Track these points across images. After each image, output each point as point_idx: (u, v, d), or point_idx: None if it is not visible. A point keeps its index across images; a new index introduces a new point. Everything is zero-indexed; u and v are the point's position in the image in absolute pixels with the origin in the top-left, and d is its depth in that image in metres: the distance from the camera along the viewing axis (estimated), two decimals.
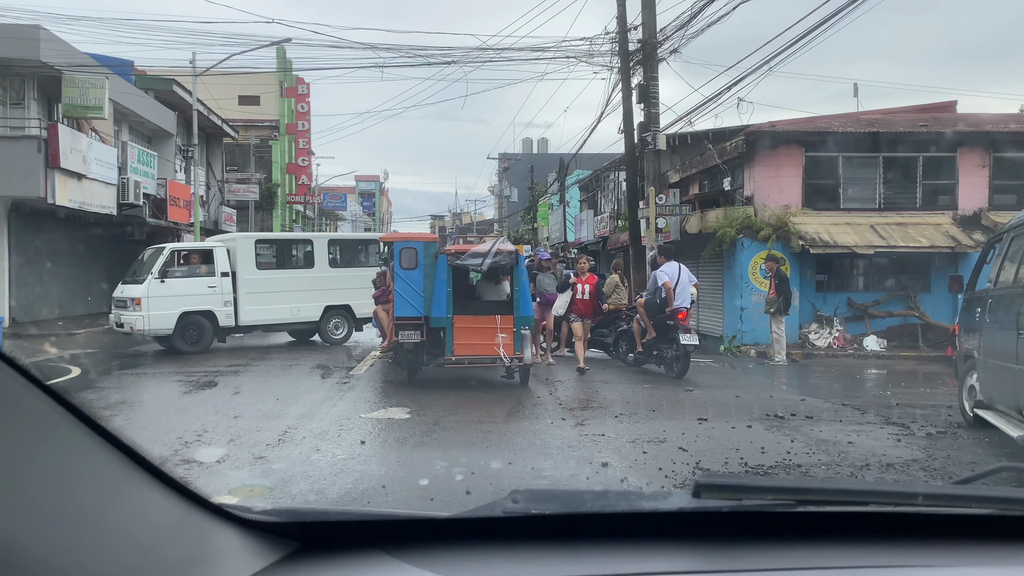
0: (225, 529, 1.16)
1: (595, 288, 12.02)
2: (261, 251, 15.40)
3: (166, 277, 13.91)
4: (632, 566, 1.20)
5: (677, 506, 1.31)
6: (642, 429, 7.30)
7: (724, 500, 1.27)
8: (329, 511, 1.47)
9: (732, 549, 1.25)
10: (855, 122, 17.31)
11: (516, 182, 53.26)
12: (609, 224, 26.73)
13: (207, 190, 29.11)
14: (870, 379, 12.37)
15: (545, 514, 1.30)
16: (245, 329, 15.02)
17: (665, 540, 1.28)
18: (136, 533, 1.00)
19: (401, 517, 1.38)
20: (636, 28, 16.48)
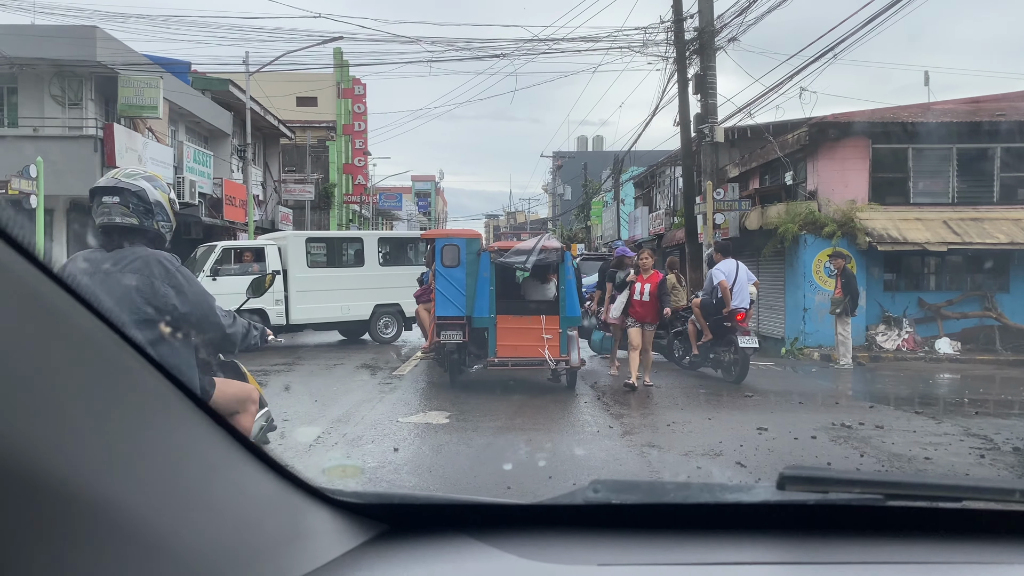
0: (318, 509, 1.20)
1: (657, 288, 9.84)
2: (312, 249, 15.32)
3: (218, 275, 13.89)
4: (715, 556, 1.20)
5: (761, 498, 1.29)
6: (696, 440, 6.80)
7: (809, 493, 1.23)
8: (416, 495, 1.46)
9: (817, 542, 1.22)
10: (926, 112, 16.39)
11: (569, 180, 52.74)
12: (664, 221, 26.04)
13: (264, 190, 29.34)
14: (944, 385, 11.58)
15: (626, 503, 1.31)
16: (296, 328, 14.93)
17: (748, 532, 1.27)
18: (236, 508, 1.03)
19: (485, 503, 1.38)
20: (692, 16, 15.87)
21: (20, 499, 0.69)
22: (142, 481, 0.85)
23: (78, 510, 0.75)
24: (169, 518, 0.87)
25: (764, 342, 14.38)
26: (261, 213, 27.79)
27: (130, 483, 0.83)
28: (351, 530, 1.22)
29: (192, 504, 0.93)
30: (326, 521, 1.20)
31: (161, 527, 0.86)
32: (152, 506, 0.85)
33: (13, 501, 0.69)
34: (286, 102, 33.26)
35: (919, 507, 1.27)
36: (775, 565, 1.20)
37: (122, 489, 0.81)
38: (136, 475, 0.84)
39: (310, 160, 36.38)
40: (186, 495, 0.93)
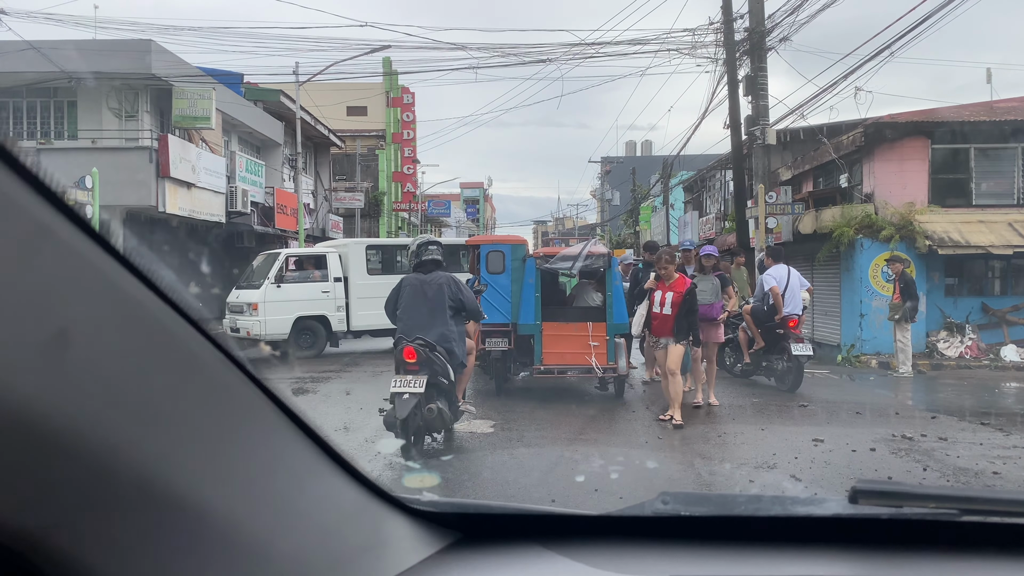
0: (397, 517, 1.23)
1: (682, 298, 7.82)
2: (371, 256, 15.44)
3: (282, 282, 14.09)
4: (786, 570, 1.19)
5: (833, 512, 1.26)
6: (748, 452, 6.58)
7: (883, 507, 1.20)
8: (491, 504, 1.48)
9: (890, 558, 1.20)
10: (988, 111, 15.79)
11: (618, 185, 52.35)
12: (715, 226, 25.62)
13: (315, 198, 29.70)
14: (1011, 394, 11.08)
15: (695, 515, 1.30)
16: (356, 334, 15.05)
17: (820, 546, 1.24)
18: (322, 516, 1.06)
19: (556, 513, 1.39)
20: (742, 16, 15.56)
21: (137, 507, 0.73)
22: (241, 490, 0.89)
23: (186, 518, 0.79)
24: (263, 526, 0.91)
25: (819, 349, 13.99)
26: (312, 221, 28.13)
27: (231, 492, 0.87)
28: (428, 538, 1.26)
29: (283, 512, 0.97)
30: (404, 529, 1.23)
31: (257, 535, 0.90)
32: (249, 514, 0.89)
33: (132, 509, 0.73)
34: (336, 111, 33.68)
35: (996, 523, 1.22)
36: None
37: (224, 498, 0.85)
38: (236, 484, 0.88)
39: (360, 168, 36.76)
40: (278, 503, 0.96)
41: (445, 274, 6.70)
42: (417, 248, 6.83)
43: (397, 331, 6.64)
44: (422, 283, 6.55)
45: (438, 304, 6.46)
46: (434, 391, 6.26)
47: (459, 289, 6.58)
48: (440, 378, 6.29)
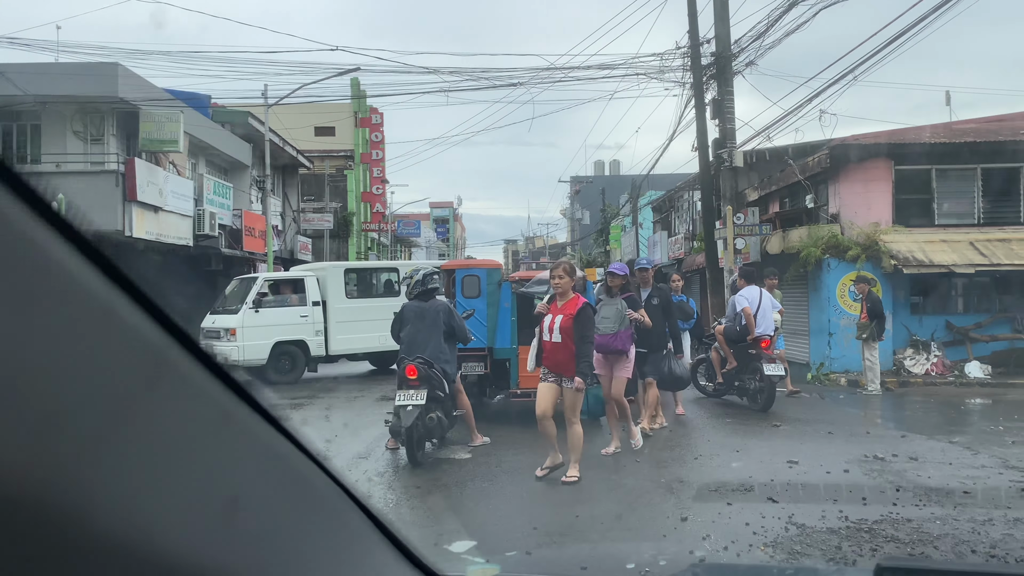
0: None
1: (571, 321, 6.27)
2: (350, 280, 15.35)
3: (260, 307, 13.96)
4: None
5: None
6: (725, 474, 6.63)
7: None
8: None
9: None
10: (949, 132, 16.21)
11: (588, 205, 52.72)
12: (684, 246, 25.89)
13: (283, 220, 29.51)
14: (976, 411, 11.29)
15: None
16: (334, 358, 14.93)
17: None
18: None
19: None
20: (709, 41, 15.83)
21: None
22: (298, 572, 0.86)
23: None
24: None
25: (789, 367, 14.15)
26: (280, 243, 27.94)
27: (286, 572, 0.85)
28: None
29: None
30: None
31: None
32: None
33: None
34: (304, 132, 33.55)
35: None
36: None
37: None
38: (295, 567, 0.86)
39: (328, 189, 36.60)
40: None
41: (441, 301, 7.87)
42: (423, 278, 7.77)
43: (400, 352, 7.60)
44: (422, 310, 7.57)
45: (434, 328, 7.49)
46: (433, 403, 7.16)
47: (451, 316, 7.67)
48: (437, 391, 7.19)
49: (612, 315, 7.36)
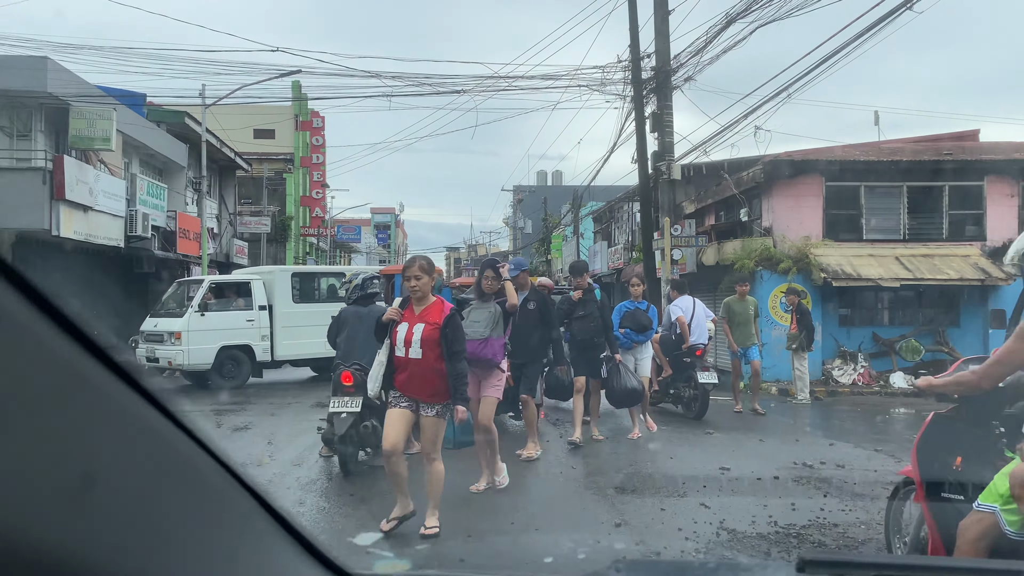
0: None
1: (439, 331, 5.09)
2: (296, 284, 15.11)
3: (206, 310, 13.65)
4: None
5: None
6: (659, 481, 6.73)
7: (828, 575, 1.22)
8: None
9: None
10: (877, 151, 16.80)
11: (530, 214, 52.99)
12: (623, 256, 26.23)
13: (219, 223, 28.90)
14: (900, 420, 11.70)
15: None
16: (280, 364, 14.67)
17: None
18: None
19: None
20: (649, 56, 16.11)
21: None
22: None
23: None
24: None
25: (723, 376, 14.43)
26: (216, 246, 27.36)
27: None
28: None
29: None
30: None
31: None
32: None
33: None
34: (243, 134, 32.97)
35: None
36: None
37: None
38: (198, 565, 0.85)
39: (267, 192, 36.02)
40: None
41: (381, 306, 7.50)
42: (362, 283, 7.65)
43: (336, 357, 7.31)
44: (360, 315, 7.34)
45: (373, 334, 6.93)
46: (368, 411, 6.82)
47: None
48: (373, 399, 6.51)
49: (483, 319, 6.36)
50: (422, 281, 5.18)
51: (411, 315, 5.21)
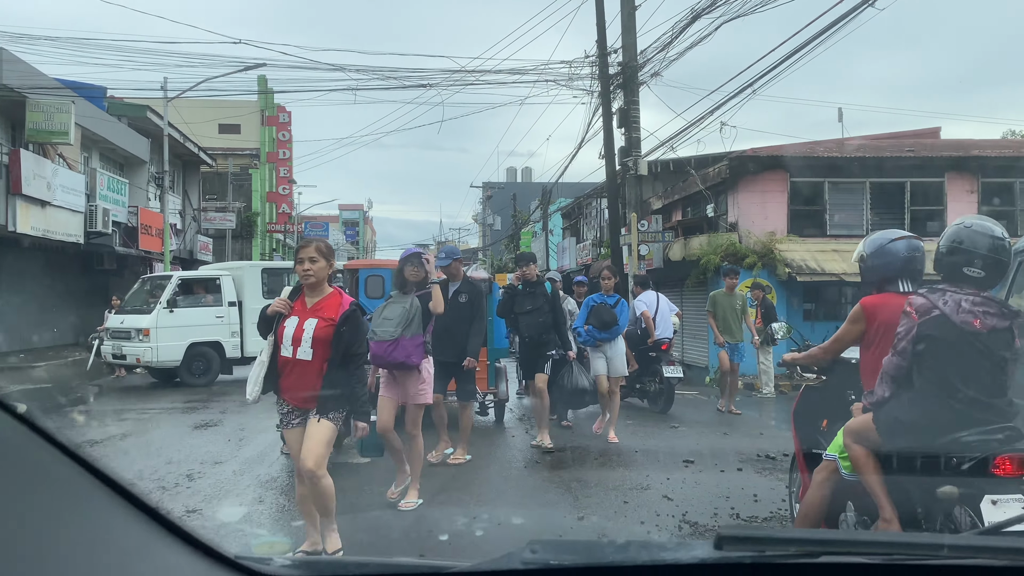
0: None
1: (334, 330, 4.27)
2: (266, 280, 14.94)
3: (175, 307, 13.45)
4: None
5: (699, 558, 1.27)
6: (623, 474, 6.72)
7: (747, 551, 1.23)
8: (347, 562, 1.44)
9: None
10: (840, 147, 16.98)
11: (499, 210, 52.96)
12: (591, 252, 26.29)
13: (182, 219, 28.46)
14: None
15: (564, 566, 1.28)
16: (249, 360, 14.48)
17: None
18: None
19: (420, 569, 1.35)
20: (616, 51, 16.12)
21: None
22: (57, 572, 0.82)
23: None
24: None
25: (689, 371, 14.52)
26: (179, 242, 26.94)
27: None
28: None
29: None
30: None
31: None
32: None
33: None
34: (207, 129, 32.51)
35: (852, 563, 1.27)
36: None
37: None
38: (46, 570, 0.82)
39: (232, 188, 35.55)
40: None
41: None
42: None
43: None
44: None
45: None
46: None
47: None
48: None
49: (396, 315, 5.56)
50: (317, 266, 4.28)
51: (302, 308, 4.34)
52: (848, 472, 3.59)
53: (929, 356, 3.37)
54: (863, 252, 4.28)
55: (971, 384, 3.32)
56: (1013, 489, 3.15)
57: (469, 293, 6.95)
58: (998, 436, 3.26)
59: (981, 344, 3.32)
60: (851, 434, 3.55)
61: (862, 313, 3.92)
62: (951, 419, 3.30)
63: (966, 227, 3.51)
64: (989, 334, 3.33)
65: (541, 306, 7.83)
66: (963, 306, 3.35)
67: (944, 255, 3.56)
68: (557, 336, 7.96)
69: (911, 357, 3.40)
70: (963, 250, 3.44)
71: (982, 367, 3.34)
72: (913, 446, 3.36)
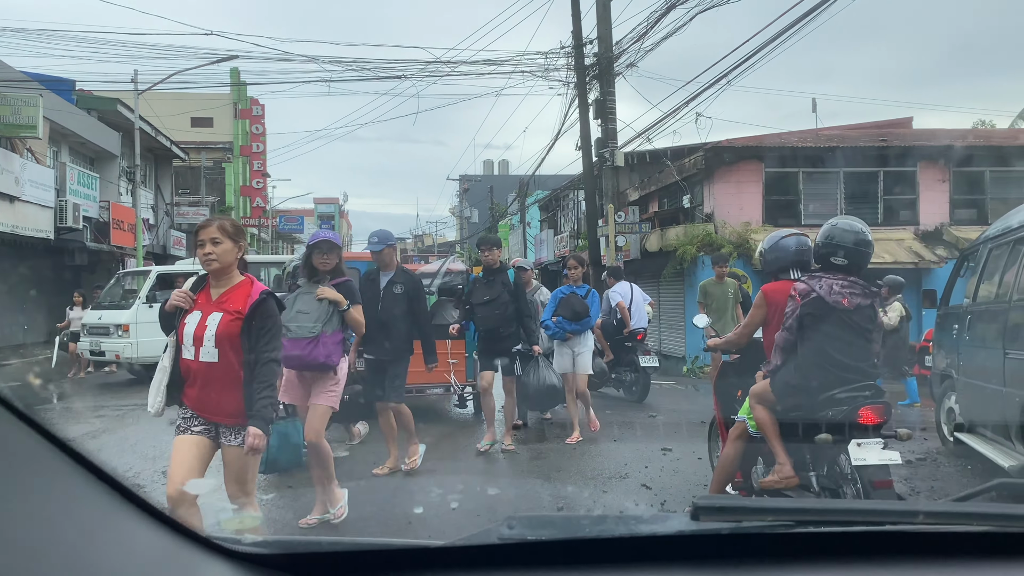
0: (215, 562, 1.13)
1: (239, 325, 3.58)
2: None
3: (155, 302, 13.27)
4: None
5: (676, 529, 1.28)
6: (602, 463, 6.73)
7: (723, 522, 1.24)
8: (320, 541, 1.35)
9: (732, 571, 1.22)
10: (815, 137, 17.11)
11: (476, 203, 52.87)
12: (569, 243, 26.31)
13: (155, 213, 28.11)
14: None
15: (541, 540, 1.27)
16: None
17: (664, 564, 1.26)
18: (122, 568, 0.97)
19: (394, 546, 1.33)
20: (592, 42, 16.11)
21: None
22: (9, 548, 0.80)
23: None
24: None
25: (665, 361, 14.58)
26: (152, 238, 26.61)
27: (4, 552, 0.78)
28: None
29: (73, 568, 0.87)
30: (224, 574, 1.14)
31: None
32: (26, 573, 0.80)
33: None
34: (179, 122, 32.10)
35: (826, 532, 1.29)
36: None
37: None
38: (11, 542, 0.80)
39: (205, 182, 35.18)
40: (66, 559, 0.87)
41: None
42: (294, 270, 7.02)
43: None
44: None
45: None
46: None
47: None
48: None
49: (313, 309, 4.90)
50: (221, 248, 3.57)
51: (206, 301, 3.66)
52: (754, 429, 4.31)
53: (809, 330, 4.08)
54: (762, 248, 5.01)
55: (842, 351, 4.05)
56: (874, 434, 3.94)
57: (405, 284, 6.15)
58: (864, 393, 4.02)
59: (849, 318, 4.04)
60: (754, 396, 4.29)
61: (764, 299, 4.63)
62: (827, 380, 4.03)
63: (835, 226, 4.22)
64: (855, 310, 4.04)
65: (499, 295, 6.95)
66: (834, 288, 4.03)
67: (819, 248, 4.22)
68: (522, 329, 7.17)
69: (796, 331, 4.11)
70: (833, 244, 4.12)
71: (850, 337, 4.07)
72: (799, 403, 4.09)
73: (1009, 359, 5.49)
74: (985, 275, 6.39)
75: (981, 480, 6.11)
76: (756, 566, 1.24)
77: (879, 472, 3.92)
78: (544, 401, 7.85)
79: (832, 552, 1.28)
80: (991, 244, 6.43)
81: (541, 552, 1.27)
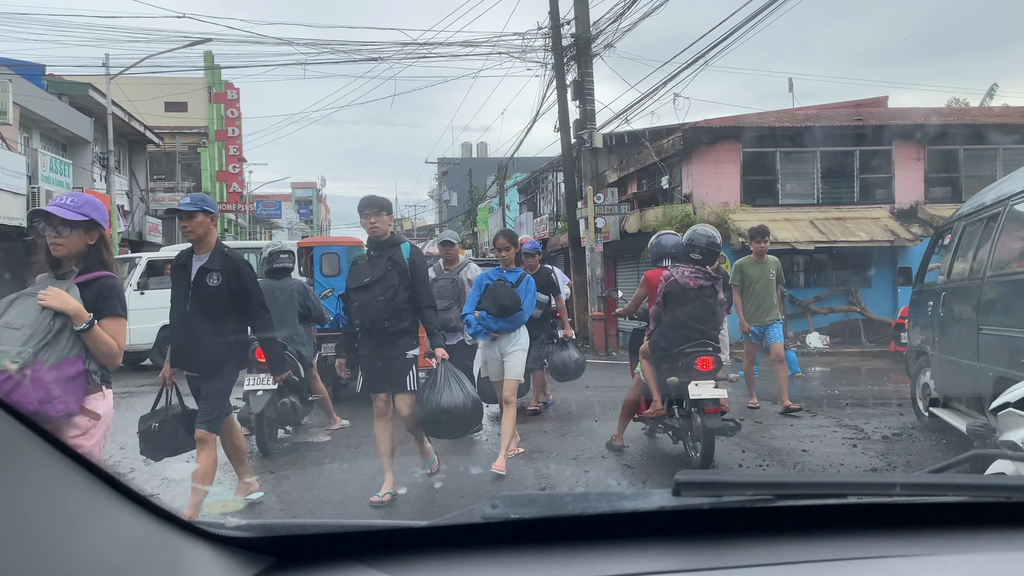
0: (197, 546, 1.12)
1: None
2: None
3: (145, 289, 13.13)
4: (614, 567, 1.18)
5: (658, 505, 1.28)
6: (583, 443, 6.77)
7: (704, 497, 1.25)
8: (305, 523, 1.33)
9: (714, 546, 1.23)
10: (791, 117, 17.19)
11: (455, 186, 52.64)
12: (548, 226, 26.32)
13: (130, 199, 27.75)
14: (815, 378, 12.10)
15: (525, 518, 1.27)
16: None
17: (647, 540, 1.26)
18: (104, 554, 0.96)
19: (378, 527, 1.31)
20: (569, 23, 16.04)
21: None
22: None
23: None
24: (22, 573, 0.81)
25: None
26: (127, 224, 26.29)
27: None
28: (234, 567, 1.15)
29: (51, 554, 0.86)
30: (206, 559, 1.12)
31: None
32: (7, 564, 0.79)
33: None
34: (153, 107, 31.65)
35: (809, 505, 1.30)
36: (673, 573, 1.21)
37: None
38: None
39: (180, 168, 34.75)
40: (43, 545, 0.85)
41: (296, 280, 7.48)
42: (269, 256, 7.34)
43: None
44: (273, 289, 6.95)
45: (288, 308, 7.00)
46: (286, 387, 6.40)
47: (307, 295, 7.34)
48: (292, 375, 5.96)
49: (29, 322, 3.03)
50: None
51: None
52: (643, 377, 6.13)
53: (670, 303, 5.82)
54: (649, 243, 6.95)
55: (691, 318, 5.77)
56: (708, 377, 5.63)
57: (224, 272, 4.57)
58: (707, 348, 5.77)
59: (695, 295, 5.79)
60: (642, 353, 6.18)
61: (645, 282, 6.49)
62: (680, 339, 5.77)
63: (695, 231, 6.17)
64: (699, 289, 5.82)
65: (384, 276, 4.94)
66: (686, 274, 5.84)
67: (683, 246, 6.15)
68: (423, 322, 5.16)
69: (662, 305, 5.87)
70: (692, 244, 6.01)
71: (697, 308, 5.79)
72: (663, 356, 5.85)
73: (983, 334, 5.58)
74: (959, 252, 6.47)
75: (956, 453, 6.22)
76: (738, 540, 1.26)
77: (709, 403, 5.52)
78: (448, 427, 5.26)
79: (812, 525, 1.30)
80: (965, 221, 6.51)
81: (524, 530, 1.28)
